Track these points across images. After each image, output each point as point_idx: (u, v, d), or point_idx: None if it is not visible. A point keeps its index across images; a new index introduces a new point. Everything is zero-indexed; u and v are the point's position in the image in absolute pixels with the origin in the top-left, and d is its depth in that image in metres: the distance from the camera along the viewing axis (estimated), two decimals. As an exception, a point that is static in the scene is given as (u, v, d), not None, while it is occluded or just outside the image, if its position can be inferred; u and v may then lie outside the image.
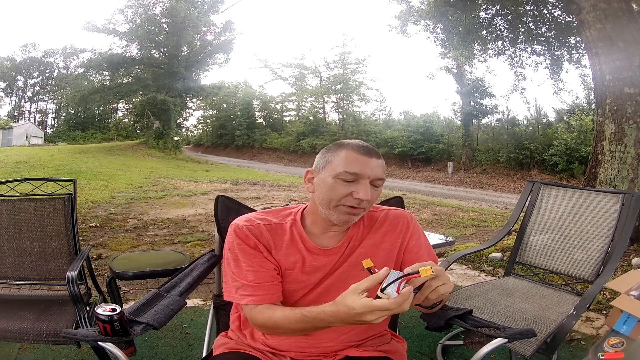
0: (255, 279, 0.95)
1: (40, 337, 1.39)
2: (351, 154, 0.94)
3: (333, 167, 0.94)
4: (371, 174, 0.93)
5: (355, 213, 0.95)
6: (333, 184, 0.93)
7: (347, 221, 0.96)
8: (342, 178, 0.93)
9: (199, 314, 2.31)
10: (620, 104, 3.54)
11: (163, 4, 20.67)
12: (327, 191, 0.94)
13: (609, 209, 1.84)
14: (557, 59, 7.34)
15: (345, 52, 24.81)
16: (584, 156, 12.08)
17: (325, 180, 0.95)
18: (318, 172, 0.98)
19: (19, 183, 1.90)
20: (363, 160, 0.93)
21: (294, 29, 68.93)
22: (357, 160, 0.93)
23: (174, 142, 22.42)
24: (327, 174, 0.95)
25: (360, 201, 0.92)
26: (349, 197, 0.92)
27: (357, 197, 0.92)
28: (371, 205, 0.98)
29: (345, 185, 0.93)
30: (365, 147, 0.96)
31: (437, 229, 5.42)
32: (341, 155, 0.94)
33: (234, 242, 0.98)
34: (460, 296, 1.73)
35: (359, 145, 0.96)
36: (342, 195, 0.93)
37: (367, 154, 0.94)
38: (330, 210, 0.95)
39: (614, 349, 1.13)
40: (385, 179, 0.98)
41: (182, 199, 7.13)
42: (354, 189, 0.92)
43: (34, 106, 34.22)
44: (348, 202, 0.93)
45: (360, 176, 0.92)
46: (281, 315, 0.91)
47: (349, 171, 0.92)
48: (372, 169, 0.93)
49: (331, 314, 0.81)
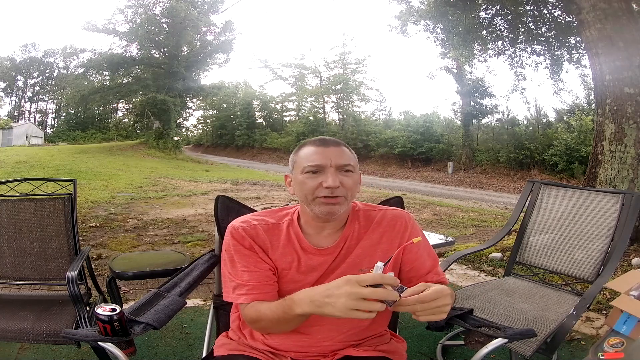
0: (250, 278, 0.97)
1: (40, 337, 1.39)
2: (309, 148, 1.00)
3: (299, 164, 1.00)
4: (332, 161, 0.96)
5: (333, 202, 0.95)
6: (303, 179, 0.97)
7: (329, 212, 0.95)
8: (308, 171, 0.97)
9: (199, 314, 2.31)
10: (620, 104, 3.54)
11: (163, 4, 20.69)
12: (300, 188, 0.98)
13: (609, 209, 1.84)
14: (557, 59, 7.34)
15: (345, 52, 24.84)
16: (584, 156, 12.07)
17: (297, 179, 1.00)
18: (291, 173, 1.03)
19: (19, 183, 1.90)
20: (321, 151, 0.97)
21: (294, 29, 68.96)
22: (315, 152, 0.98)
23: (174, 142, 22.42)
24: (297, 173, 1.00)
25: (332, 189, 0.94)
26: (320, 188, 0.95)
27: (326, 185, 0.94)
28: (351, 194, 0.98)
29: (313, 177, 0.96)
30: (322, 139, 1.01)
31: (437, 229, 5.42)
32: (303, 152, 1.01)
33: (230, 243, 1.01)
34: (460, 296, 1.73)
35: (316, 139, 1.01)
36: (313, 187, 0.95)
37: (323, 145, 0.99)
38: (310, 205, 0.97)
39: (614, 349, 1.13)
40: (354, 165, 0.99)
41: (182, 199, 7.13)
42: (321, 179, 0.95)
43: (34, 106, 34.23)
44: (321, 192, 0.95)
45: (322, 166, 0.96)
46: (267, 307, 0.94)
47: (311, 164, 0.96)
48: (332, 156, 0.96)
49: (305, 294, 0.84)
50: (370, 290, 0.75)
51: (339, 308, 0.77)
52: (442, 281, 1.05)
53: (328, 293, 0.79)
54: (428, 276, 1.03)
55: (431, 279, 1.03)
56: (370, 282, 0.76)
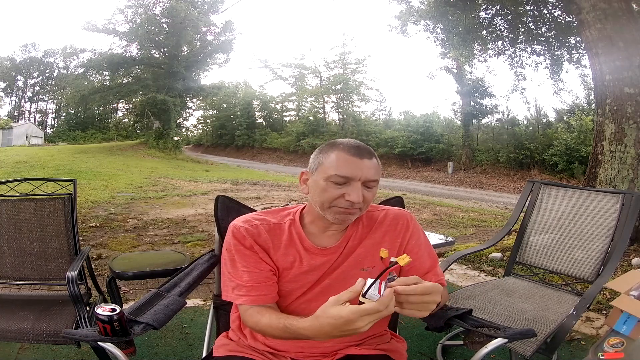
0: (249, 279, 0.96)
1: (40, 337, 1.39)
2: (342, 155, 0.92)
3: (324, 169, 0.93)
4: (362, 176, 0.91)
5: (350, 213, 0.94)
6: (325, 186, 0.92)
7: (343, 220, 0.95)
8: (333, 181, 0.91)
9: (199, 314, 2.31)
10: (620, 104, 3.54)
11: (163, 4, 20.68)
12: (319, 193, 0.94)
13: (609, 209, 1.84)
14: (557, 59, 7.34)
15: (345, 52, 24.83)
16: (584, 156, 12.07)
17: (317, 183, 0.95)
18: (311, 173, 0.98)
19: (19, 183, 1.89)
20: (354, 162, 0.91)
21: (294, 29, 68.94)
22: (347, 162, 0.91)
23: (174, 142, 22.41)
24: (319, 176, 0.94)
25: (353, 203, 0.92)
26: (341, 199, 0.92)
27: (348, 199, 0.91)
28: (367, 206, 0.98)
29: (337, 187, 0.92)
30: (357, 148, 0.93)
31: (437, 229, 5.42)
32: (332, 157, 0.93)
33: (231, 243, 1.00)
34: (460, 296, 1.73)
35: (350, 146, 0.93)
36: (334, 197, 0.92)
37: (358, 155, 0.92)
38: (325, 210, 0.95)
39: (614, 349, 1.13)
40: (378, 180, 0.96)
41: (182, 199, 7.13)
42: (345, 190, 0.91)
43: (34, 106, 34.20)
44: (340, 203, 0.92)
45: (351, 179, 0.91)
46: (266, 323, 0.91)
47: (339, 174, 0.91)
48: (363, 170, 0.91)
49: (314, 329, 0.79)
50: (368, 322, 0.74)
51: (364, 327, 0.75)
52: (441, 282, 1.05)
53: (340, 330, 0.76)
54: (427, 276, 1.03)
55: (430, 279, 1.03)
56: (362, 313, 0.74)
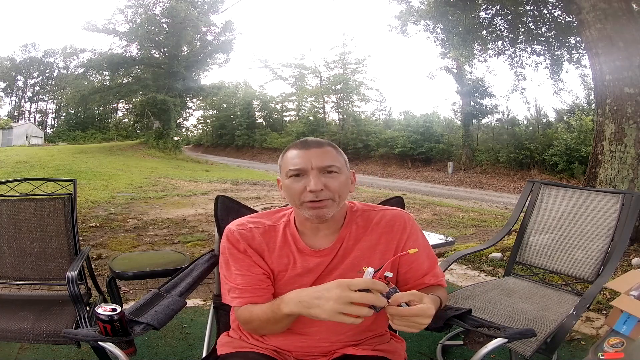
0: (242, 282, 0.97)
1: (40, 337, 1.39)
2: (291, 152, 0.97)
3: (284, 169, 0.98)
4: (314, 164, 0.93)
5: (320, 206, 0.93)
6: (289, 184, 0.96)
7: (318, 215, 0.93)
8: (291, 175, 0.95)
9: (199, 314, 2.31)
10: (620, 104, 3.54)
11: (163, 4, 20.67)
12: (288, 193, 0.97)
13: (609, 209, 1.84)
14: (557, 59, 7.33)
15: (345, 52, 24.81)
16: (584, 156, 12.07)
17: (284, 183, 0.98)
18: (281, 177, 1.01)
19: (19, 183, 1.89)
20: (302, 154, 0.95)
21: (294, 29, 68.94)
22: (297, 155, 0.95)
23: (174, 142, 22.41)
24: (283, 177, 0.98)
25: (316, 193, 0.91)
26: (305, 193, 0.93)
27: (309, 189, 0.92)
28: (340, 195, 0.95)
29: (297, 181, 0.94)
30: (304, 141, 0.98)
31: (437, 229, 5.42)
32: (286, 156, 0.98)
33: (226, 246, 1.01)
34: (460, 296, 1.73)
35: (299, 142, 0.99)
36: (298, 192, 0.94)
37: (304, 147, 0.96)
38: (300, 208, 0.96)
39: (614, 349, 1.13)
40: (340, 167, 0.95)
41: (182, 199, 7.13)
42: (305, 182, 0.93)
43: (34, 106, 34.20)
44: (306, 197, 0.93)
45: (304, 169, 0.93)
46: (258, 307, 0.94)
47: (292, 168, 0.94)
48: (312, 159, 0.93)
49: (295, 293, 0.84)
50: (359, 295, 0.75)
51: (327, 310, 0.76)
52: (440, 283, 1.05)
53: (317, 295, 0.79)
54: (425, 278, 1.02)
55: (428, 281, 1.02)
56: (361, 286, 0.76)
